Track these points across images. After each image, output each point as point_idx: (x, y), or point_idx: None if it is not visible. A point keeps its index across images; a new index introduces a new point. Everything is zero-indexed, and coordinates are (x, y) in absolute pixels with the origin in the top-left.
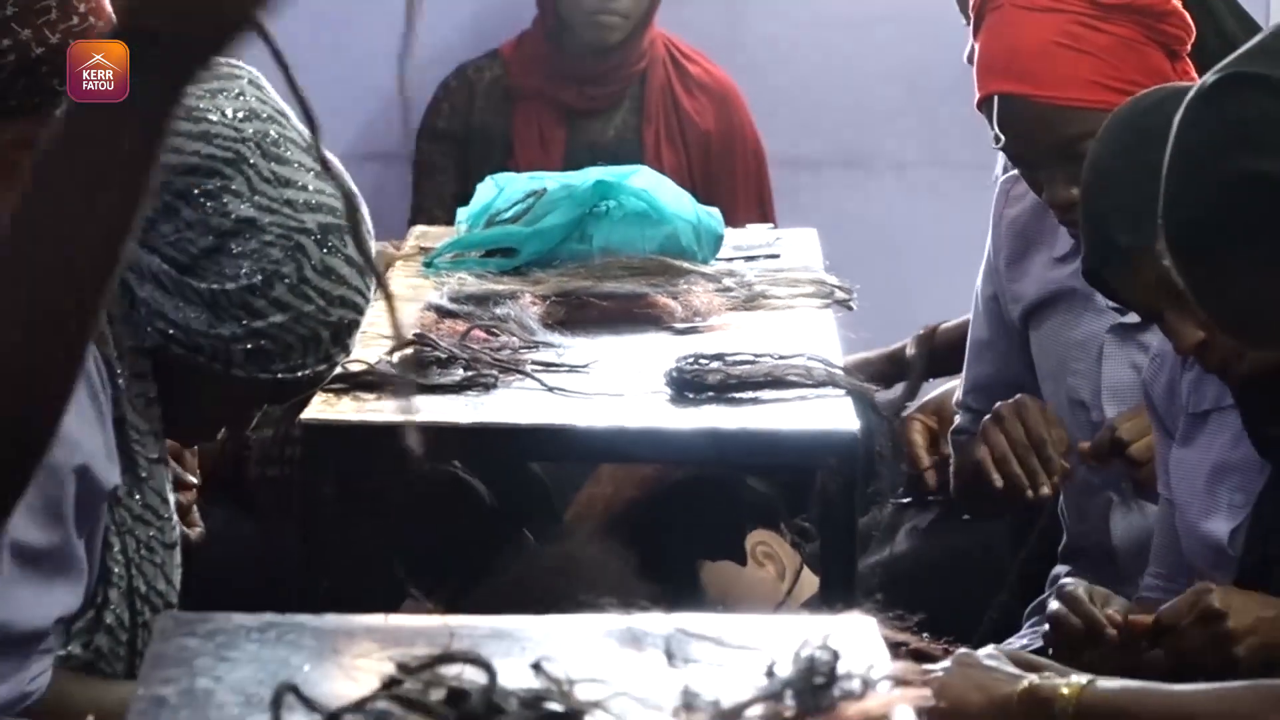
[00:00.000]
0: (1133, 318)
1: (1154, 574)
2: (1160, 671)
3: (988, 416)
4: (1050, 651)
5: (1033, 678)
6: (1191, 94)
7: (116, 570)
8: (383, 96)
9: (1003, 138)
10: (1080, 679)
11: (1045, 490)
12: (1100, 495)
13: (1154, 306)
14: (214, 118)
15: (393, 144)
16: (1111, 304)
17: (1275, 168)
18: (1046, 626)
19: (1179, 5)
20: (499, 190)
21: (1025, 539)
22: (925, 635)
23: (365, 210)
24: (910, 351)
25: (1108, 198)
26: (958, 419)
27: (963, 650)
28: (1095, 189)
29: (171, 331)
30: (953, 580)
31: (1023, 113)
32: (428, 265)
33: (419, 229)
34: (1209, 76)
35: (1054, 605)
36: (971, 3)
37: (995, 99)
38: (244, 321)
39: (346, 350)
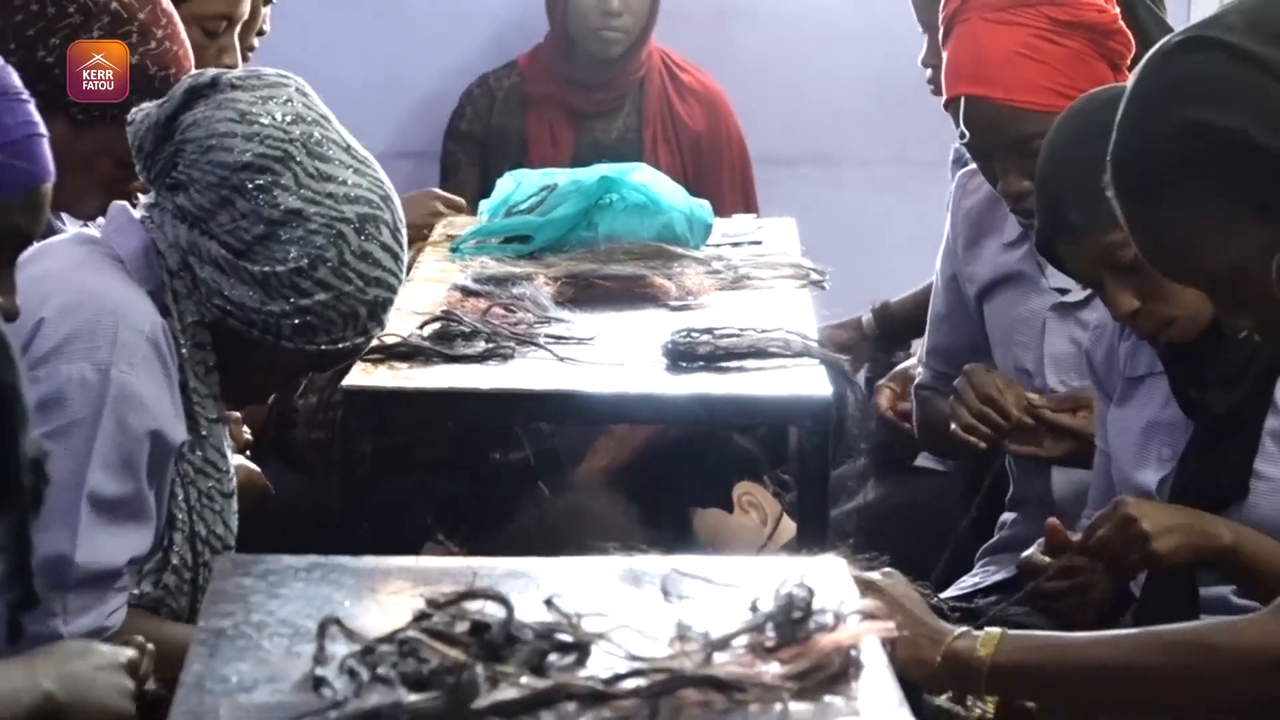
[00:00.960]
0: (1072, 297)
1: (1089, 517)
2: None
3: (958, 379)
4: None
5: (950, 640)
6: (1153, 51)
7: (181, 517)
8: (414, 104)
9: (966, 134)
10: (994, 633)
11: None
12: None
13: (1096, 277)
14: (265, 121)
15: (423, 144)
16: (1053, 285)
17: (1218, 119)
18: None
19: (1124, 25)
20: (516, 184)
21: (977, 491)
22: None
23: (398, 203)
24: (866, 319)
25: (1061, 180)
26: (919, 376)
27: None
28: (1050, 173)
29: (228, 308)
30: (914, 527)
31: (984, 112)
32: (454, 250)
33: (446, 219)
34: (1171, 37)
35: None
36: (941, 15)
37: (961, 100)
38: (292, 300)
39: (382, 325)
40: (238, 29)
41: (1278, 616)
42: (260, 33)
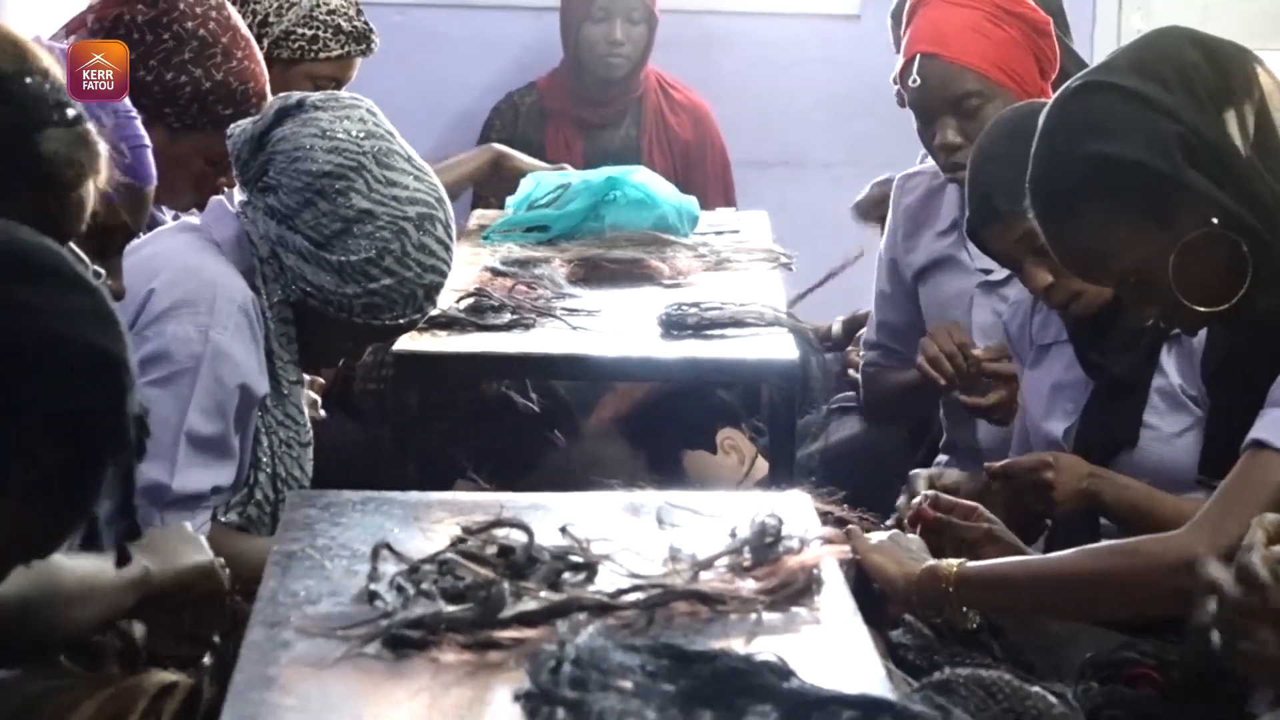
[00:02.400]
0: (995, 276)
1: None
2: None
3: (930, 328)
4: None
5: (932, 561)
6: (1058, 94)
7: (264, 460)
8: (453, 117)
9: (919, 80)
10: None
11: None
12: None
13: (1016, 257)
14: (341, 135)
15: (460, 151)
16: (978, 266)
17: (1115, 150)
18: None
19: (1054, 42)
20: (536, 184)
21: (921, 440)
22: (845, 507)
23: (449, 203)
24: (835, 329)
25: (988, 176)
26: (864, 357)
27: (895, 531)
28: (980, 168)
29: (310, 290)
30: (867, 468)
31: (934, 68)
32: (485, 238)
33: (478, 212)
34: (1071, 82)
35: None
36: (907, 5)
37: (917, 56)
38: (363, 284)
39: (434, 304)
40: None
41: (1189, 530)
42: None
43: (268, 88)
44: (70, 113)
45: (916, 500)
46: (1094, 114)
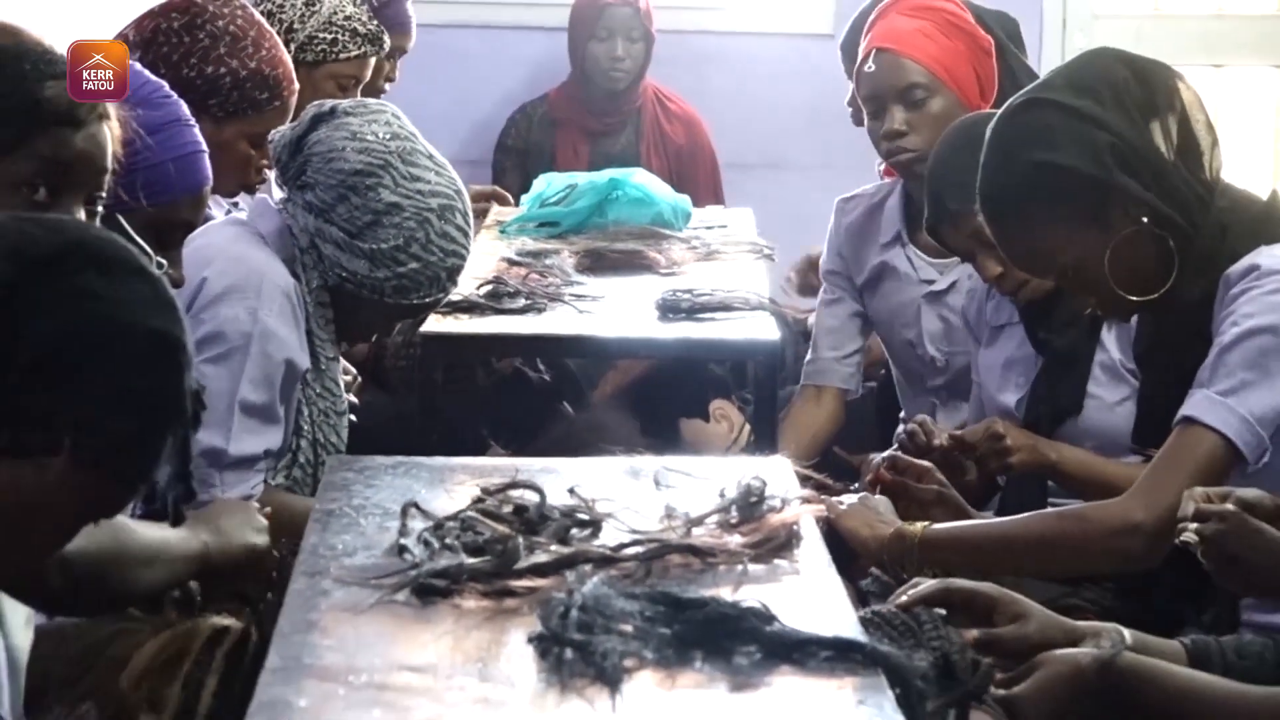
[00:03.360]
0: (938, 287)
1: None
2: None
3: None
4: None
5: (900, 524)
6: (1003, 109)
7: (306, 427)
8: (473, 125)
9: (874, 67)
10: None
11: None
12: (927, 400)
13: (969, 250)
14: (369, 137)
15: (479, 154)
16: (922, 277)
17: (1055, 159)
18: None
19: (994, 63)
20: (547, 184)
21: (885, 412)
22: (823, 474)
23: (467, 194)
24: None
25: (943, 179)
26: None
27: (864, 495)
28: (935, 173)
29: (345, 275)
30: (840, 438)
31: (888, 60)
32: (502, 232)
33: (496, 209)
34: (1015, 99)
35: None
36: (871, 16)
37: (874, 50)
38: (392, 268)
39: (456, 284)
40: (361, 87)
41: (1128, 497)
42: (390, 79)
43: (294, 72)
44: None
45: (876, 461)
46: (1035, 126)
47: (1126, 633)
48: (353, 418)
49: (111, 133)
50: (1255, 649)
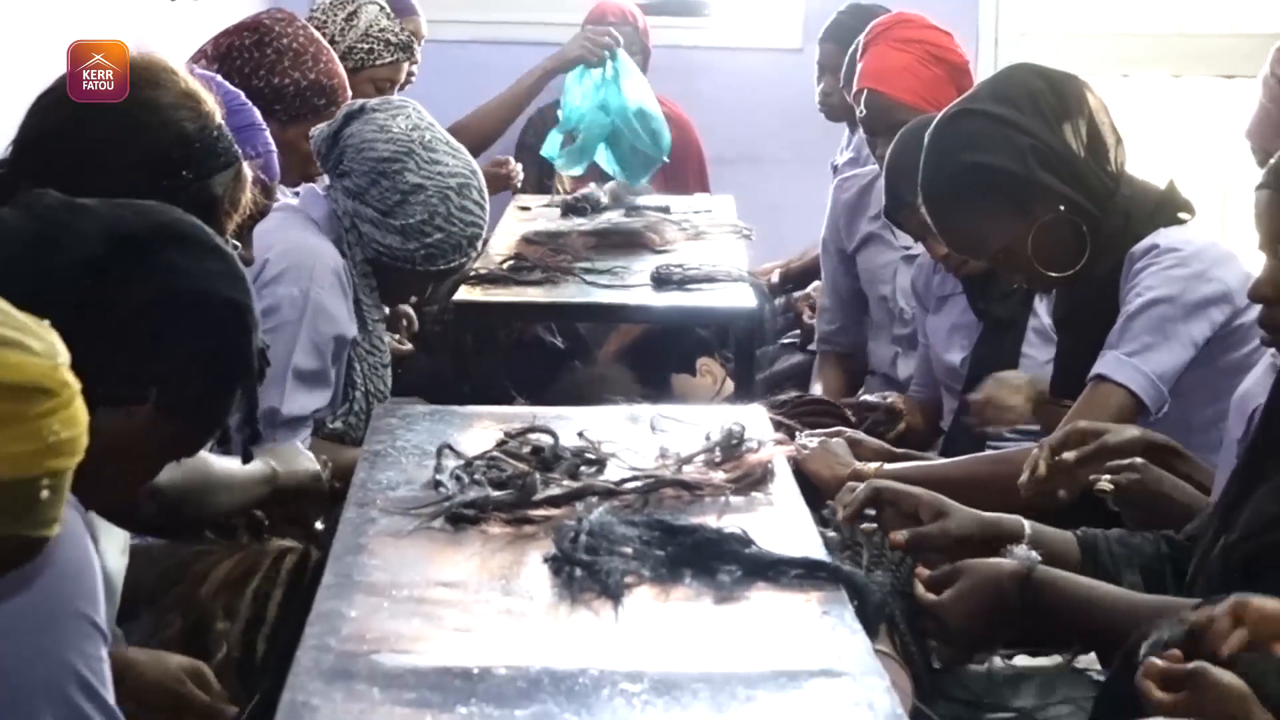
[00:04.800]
0: (913, 251)
1: (917, 385)
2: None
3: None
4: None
5: (857, 464)
6: (938, 118)
7: (359, 380)
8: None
9: (865, 111)
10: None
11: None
12: (890, 348)
13: (920, 233)
14: (395, 128)
15: (502, 151)
16: (901, 243)
17: (983, 159)
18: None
19: (972, 75)
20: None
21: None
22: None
23: (481, 174)
24: (774, 279)
25: (899, 174)
26: (820, 331)
27: (823, 440)
28: (893, 170)
29: (380, 249)
30: (804, 389)
31: (878, 100)
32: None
33: (516, 198)
34: (947, 109)
35: None
36: (862, 41)
37: (865, 90)
38: (420, 240)
39: (476, 250)
40: (396, 87)
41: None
42: (408, 82)
43: (347, 81)
44: (233, 155)
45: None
46: (966, 132)
47: (1028, 525)
48: (398, 370)
49: (240, 200)
50: (1135, 540)
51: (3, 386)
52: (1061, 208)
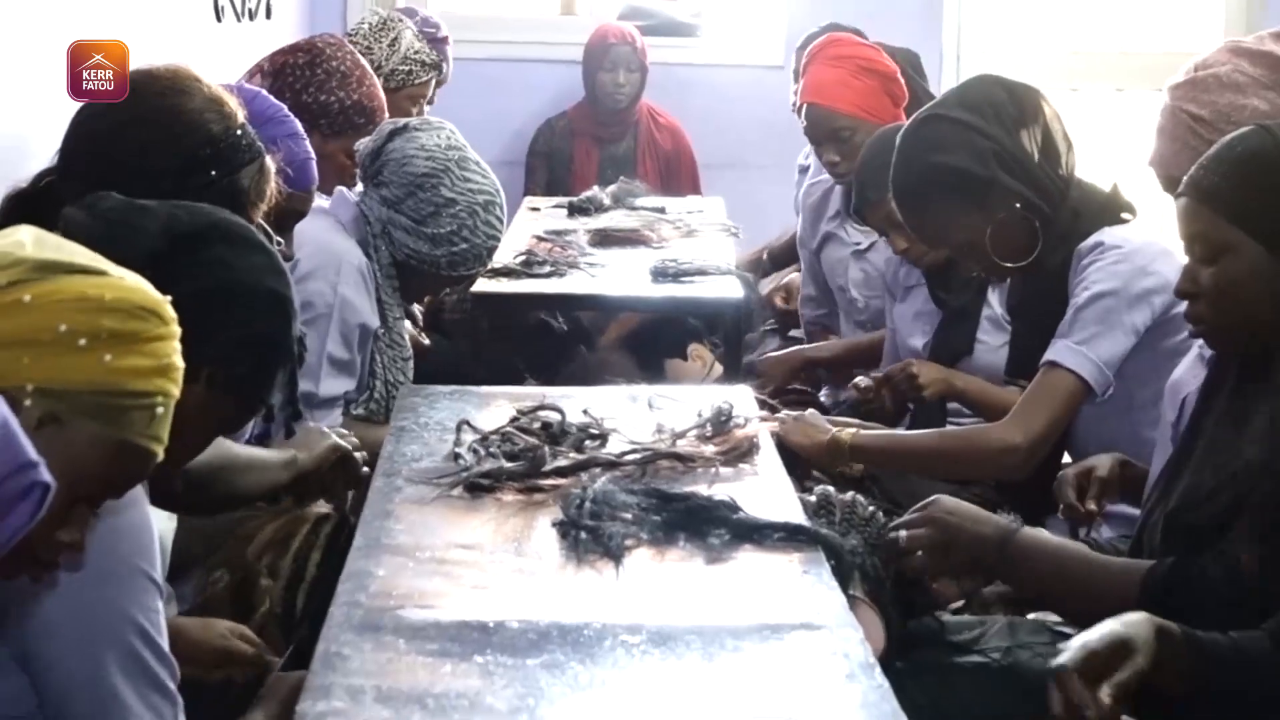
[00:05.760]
0: (861, 247)
1: (886, 366)
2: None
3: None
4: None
5: (835, 430)
6: (908, 123)
7: (379, 370)
8: (510, 134)
9: (805, 122)
10: (854, 430)
11: None
12: (855, 330)
13: (884, 228)
14: (433, 147)
15: (515, 157)
16: (852, 240)
17: (949, 160)
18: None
19: (901, 80)
20: None
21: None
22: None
23: (502, 193)
24: (764, 256)
25: (865, 176)
26: (805, 313)
27: (801, 413)
28: (860, 172)
29: (410, 253)
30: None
31: (818, 112)
32: None
33: (528, 199)
34: (917, 115)
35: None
36: (802, 62)
37: (805, 105)
38: (447, 248)
39: (491, 259)
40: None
41: (1009, 422)
42: (430, 102)
43: (385, 102)
44: (256, 150)
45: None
46: (933, 136)
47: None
48: (418, 361)
49: (269, 195)
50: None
51: (126, 304)
52: (1017, 205)
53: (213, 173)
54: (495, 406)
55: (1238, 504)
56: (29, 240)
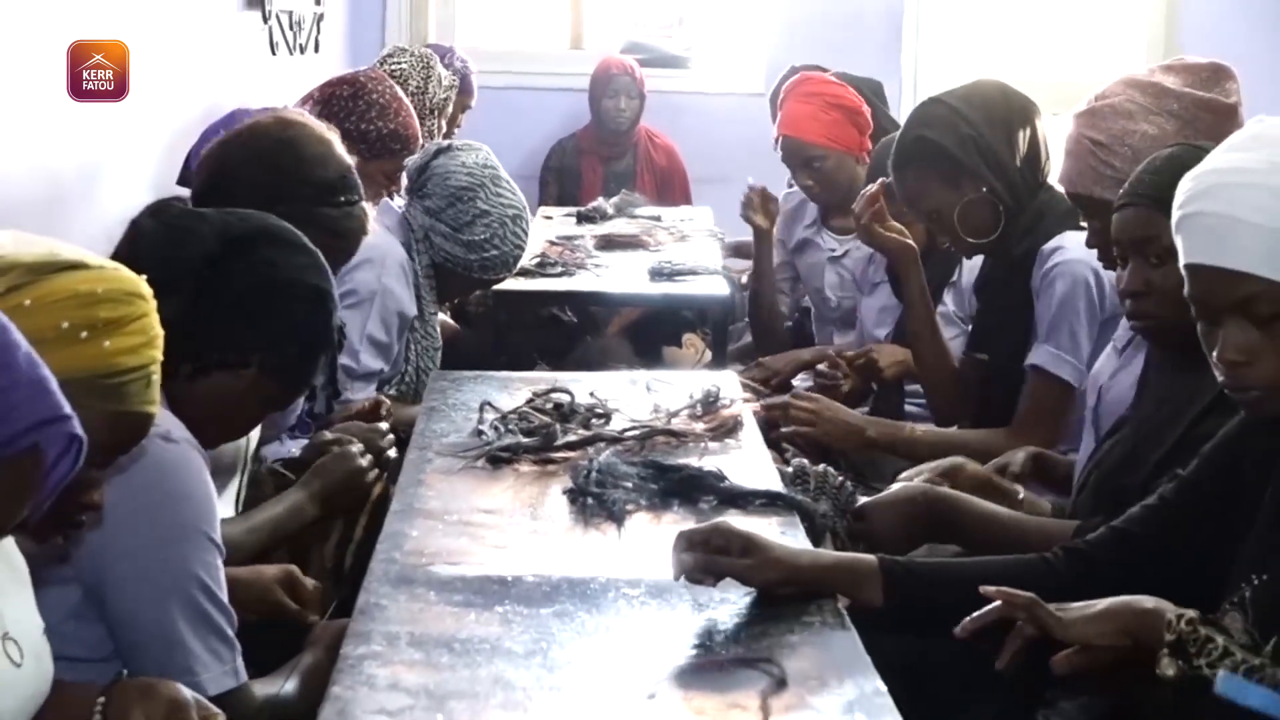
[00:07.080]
0: (836, 253)
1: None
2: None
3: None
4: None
5: (908, 427)
6: (918, 105)
7: (413, 357)
8: (528, 152)
9: (781, 152)
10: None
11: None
12: (829, 329)
13: (900, 215)
14: (471, 165)
15: (532, 171)
16: (826, 246)
17: (931, 136)
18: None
19: (867, 111)
20: None
21: (801, 343)
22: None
23: (528, 207)
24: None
25: (880, 173)
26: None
27: (815, 395)
28: (875, 171)
29: (447, 257)
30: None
31: (791, 143)
32: None
33: (542, 209)
34: (927, 98)
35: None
36: (779, 98)
37: (781, 137)
38: (479, 255)
39: (518, 265)
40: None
41: (1014, 430)
42: (458, 125)
43: (419, 130)
44: (352, 196)
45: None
46: (927, 115)
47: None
48: (447, 348)
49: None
50: None
51: (116, 293)
52: (984, 190)
53: (343, 199)
54: (513, 389)
55: (1160, 472)
56: (8, 240)
